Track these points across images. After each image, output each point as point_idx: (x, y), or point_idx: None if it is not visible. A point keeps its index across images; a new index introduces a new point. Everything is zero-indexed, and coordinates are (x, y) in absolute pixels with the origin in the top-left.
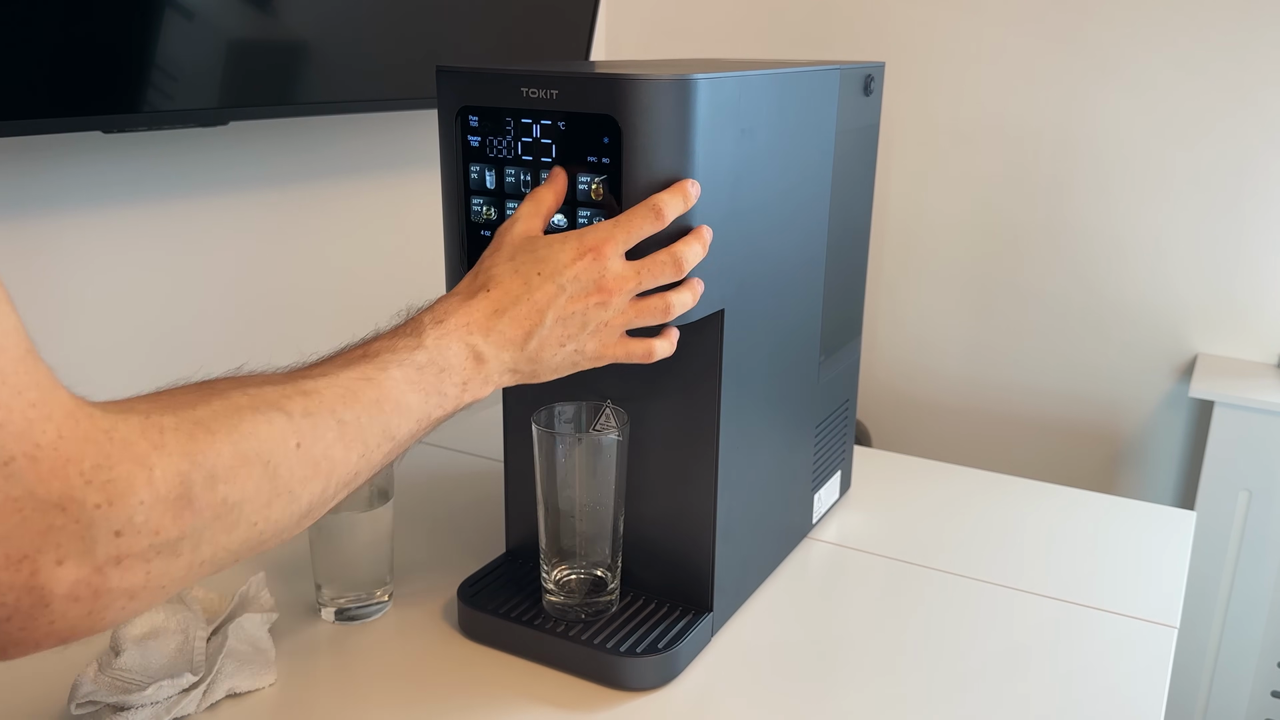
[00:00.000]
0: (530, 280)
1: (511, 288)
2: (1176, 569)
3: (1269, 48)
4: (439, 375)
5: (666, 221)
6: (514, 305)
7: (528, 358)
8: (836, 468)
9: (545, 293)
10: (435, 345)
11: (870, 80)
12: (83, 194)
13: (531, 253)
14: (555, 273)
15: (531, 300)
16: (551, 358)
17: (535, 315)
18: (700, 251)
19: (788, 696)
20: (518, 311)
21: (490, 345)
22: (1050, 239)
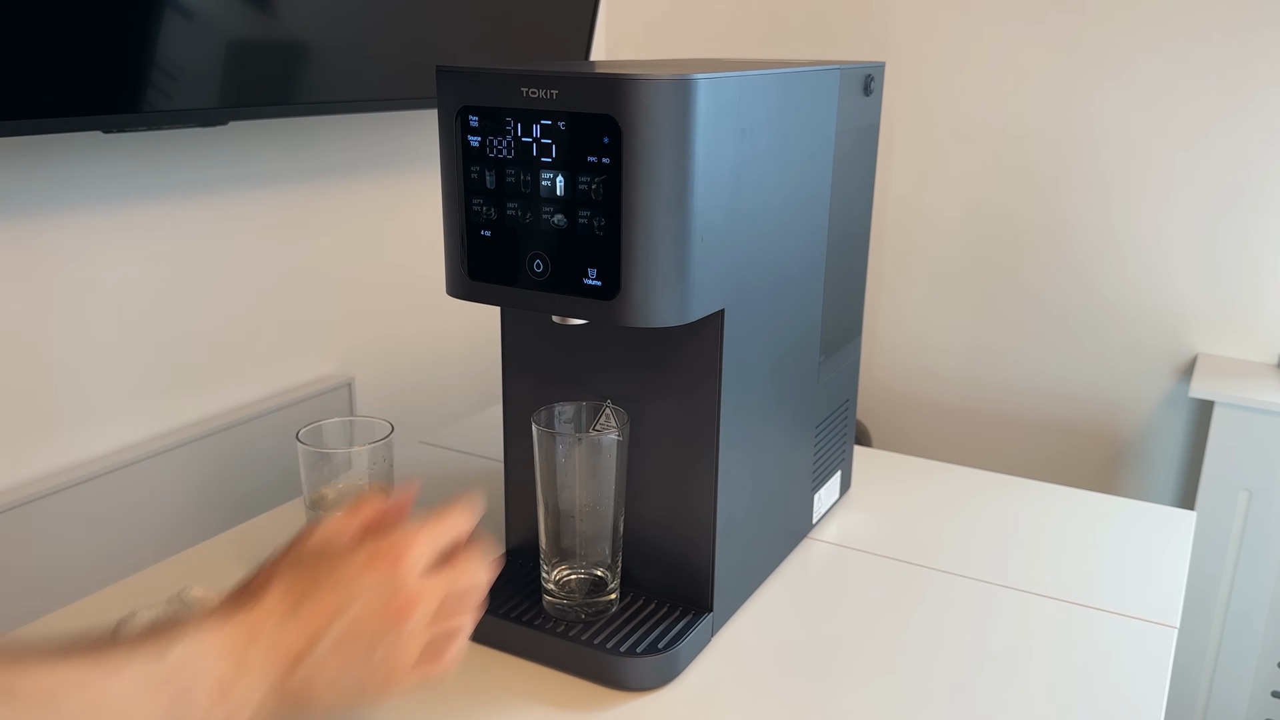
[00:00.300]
0: (311, 591)
1: (286, 600)
2: (1176, 569)
3: (1268, 47)
4: (176, 697)
5: (475, 522)
6: (285, 620)
7: (294, 689)
8: (836, 468)
9: (327, 604)
10: (180, 657)
11: (870, 80)
12: (83, 194)
13: (321, 558)
14: (344, 582)
15: (310, 614)
16: (325, 691)
17: (311, 634)
18: None
19: (788, 696)
20: (290, 628)
21: (249, 665)
22: (1050, 239)
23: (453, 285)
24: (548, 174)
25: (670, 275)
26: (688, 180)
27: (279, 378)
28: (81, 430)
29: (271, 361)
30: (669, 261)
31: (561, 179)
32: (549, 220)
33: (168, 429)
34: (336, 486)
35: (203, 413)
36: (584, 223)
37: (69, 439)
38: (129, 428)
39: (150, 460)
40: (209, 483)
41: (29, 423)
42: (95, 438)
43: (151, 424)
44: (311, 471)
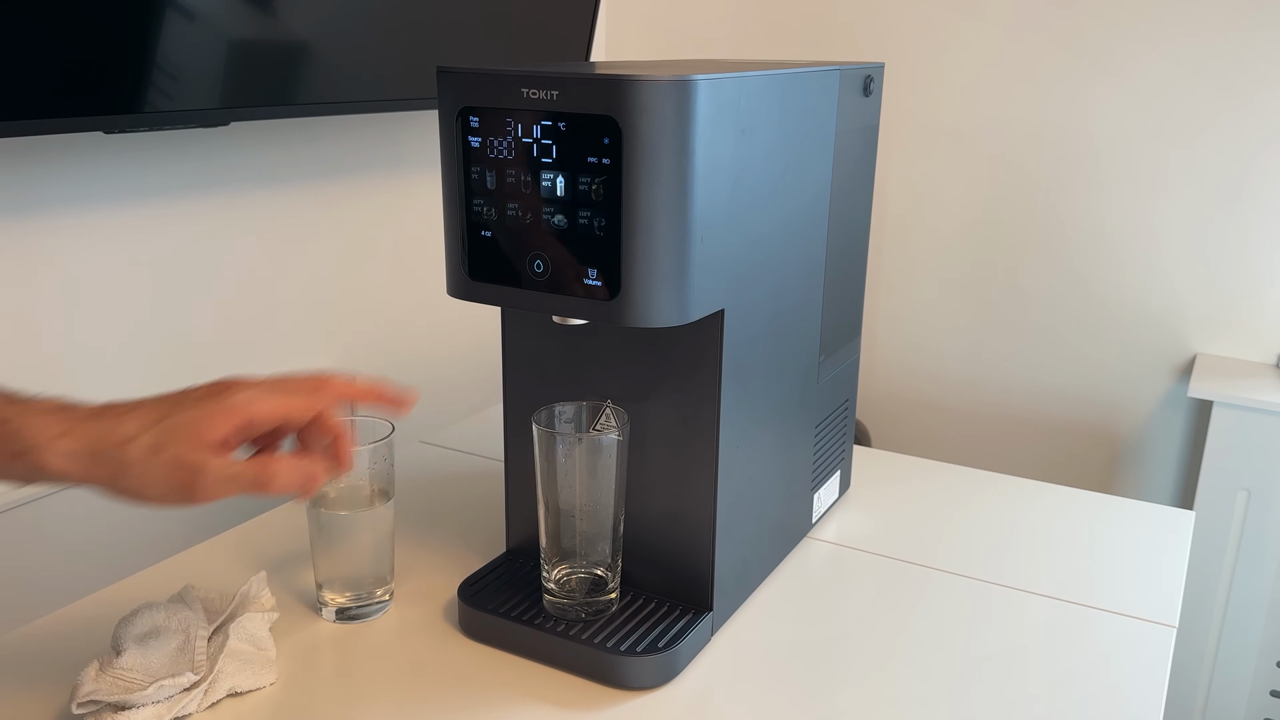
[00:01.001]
0: None
1: None
2: (1175, 569)
3: (1267, 48)
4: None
5: (332, 388)
6: None
7: (102, 430)
8: (836, 467)
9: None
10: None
11: (870, 81)
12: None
13: None
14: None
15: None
16: (135, 430)
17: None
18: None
19: (788, 696)
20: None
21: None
22: (1049, 239)
23: (453, 285)
24: (548, 174)
25: (670, 275)
26: (688, 181)
27: None
28: None
29: (272, 361)
30: (669, 262)
31: (562, 179)
32: (549, 221)
33: None
34: (337, 486)
35: None
36: (584, 223)
37: None
38: None
39: None
40: None
41: None
42: None
43: None
44: None
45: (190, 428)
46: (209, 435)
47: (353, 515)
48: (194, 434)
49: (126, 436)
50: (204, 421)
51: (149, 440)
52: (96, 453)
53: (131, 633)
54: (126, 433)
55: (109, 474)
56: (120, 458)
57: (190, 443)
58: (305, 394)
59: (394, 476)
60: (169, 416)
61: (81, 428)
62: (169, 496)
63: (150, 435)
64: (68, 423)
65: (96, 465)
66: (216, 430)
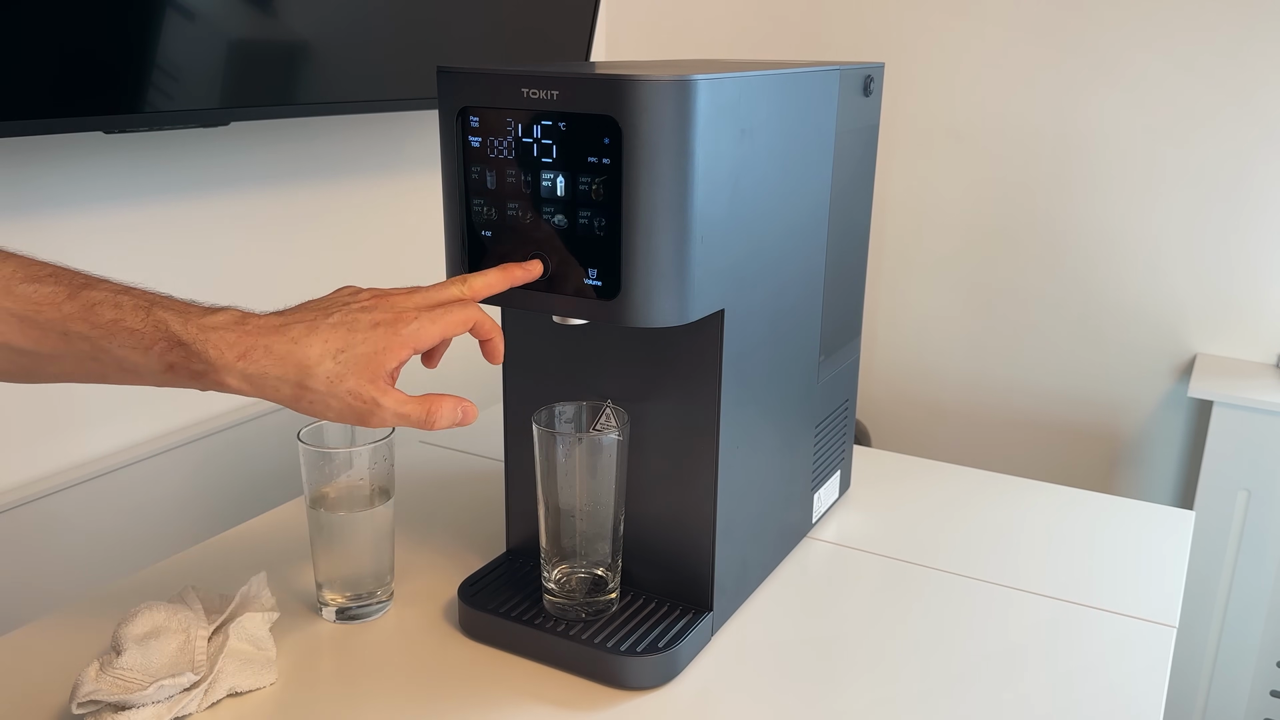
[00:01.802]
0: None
1: None
2: (1175, 568)
3: (1266, 47)
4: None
5: (476, 295)
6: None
7: (283, 354)
8: (836, 467)
9: (314, 306)
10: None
11: (870, 81)
12: (84, 194)
13: None
14: (334, 300)
15: (297, 312)
16: (316, 357)
17: (295, 312)
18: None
19: (788, 696)
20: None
21: (233, 318)
22: (1049, 239)
23: None
24: (548, 174)
25: (670, 275)
26: (688, 181)
27: None
28: (81, 430)
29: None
30: (669, 262)
31: (562, 179)
32: (549, 221)
33: (168, 429)
34: (337, 486)
35: (203, 413)
36: (584, 223)
37: (69, 439)
38: (129, 428)
39: (150, 460)
40: (209, 483)
41: (29, 423)
42: (95, 438)
43: (151, 424)
44: (312, 471)
45: (368, 361)
46: (385, 368)
47: (353, 515)
48: (372, 367)
49: (307, 363)
50: (381, 355)
51: (329, 370)
52: (277, 378)
53: (131, 633)
54: (307, 359)
55: (289, 396)
56: (302, 383)
57: (368, 375)
58: (459, 312)
59: (394, 476)
60: (348, 349)
61: (262, 349)
62: (344, 419)
63: (331, 364)
64: (248, 342)
65: (276, 388)
66: (392, 363)
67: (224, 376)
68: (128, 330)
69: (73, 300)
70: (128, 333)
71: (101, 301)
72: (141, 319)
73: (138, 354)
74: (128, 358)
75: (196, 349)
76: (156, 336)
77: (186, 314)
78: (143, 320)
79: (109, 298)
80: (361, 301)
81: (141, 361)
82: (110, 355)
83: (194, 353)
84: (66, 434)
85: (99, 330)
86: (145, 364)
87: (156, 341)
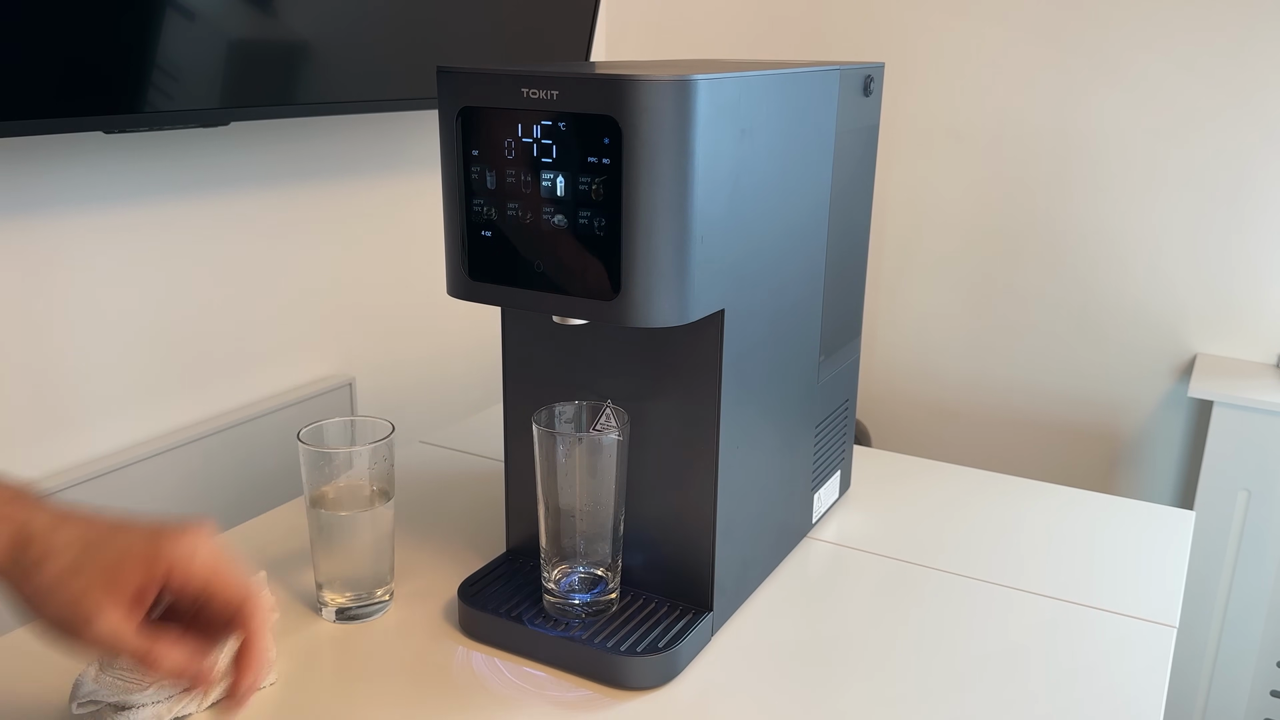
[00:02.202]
0: None
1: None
2: (1176, 569)
3: (1267, 48)
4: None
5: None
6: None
7: (35, 531)
8: (836, 467)
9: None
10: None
11: (870, 81)
12: (84, 194)
13: None
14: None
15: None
16: (64, 544)
17: (60, 521)
18: None
19: (788, 696)
20: (36, 510)
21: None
22: (1049, 239)
23: (453, 285)
24: (548, 174)
25: (670, 275)
26: (688, 181)
27: (280, 378)
28: (81, 430)
29: (272, 361)
30: (669, 262)
31: (562, 179)
32: (549, 221)
33: (168, 429)
34: (337, 486)
35: (203, 413)
36: (584, 223)
37: (69, 439)
38: (129, 428)
39: (150, 460)
40: (210, 483)
41: (29, 423)
42: (95, 438)
43: (152, 424)
44: (312, 471)
45: (111, 564)
46: (124, 582)
47: (353, 515)
48: (110, 573)
49: (56, 545)
50: (125, 560)
51: (70, 560)
52: (17, 552)
53: None
54: (59, 542)
55: (16, 577)
56: (37, 564)
57: (102, 581)
58: (237, 588)
59: (394, 476)
60: (101, 544)
61: (19, 520)
62: (55, 626)
63: (75, 553)
64: (6, 508)
65: (12, 563)
66: (133, 579)
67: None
68: None
69: None
70: None
71: None
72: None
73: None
74: None
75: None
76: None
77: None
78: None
79: None
80: (153, 520)
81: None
82: None
83: None
84: (66, 434)
85: None
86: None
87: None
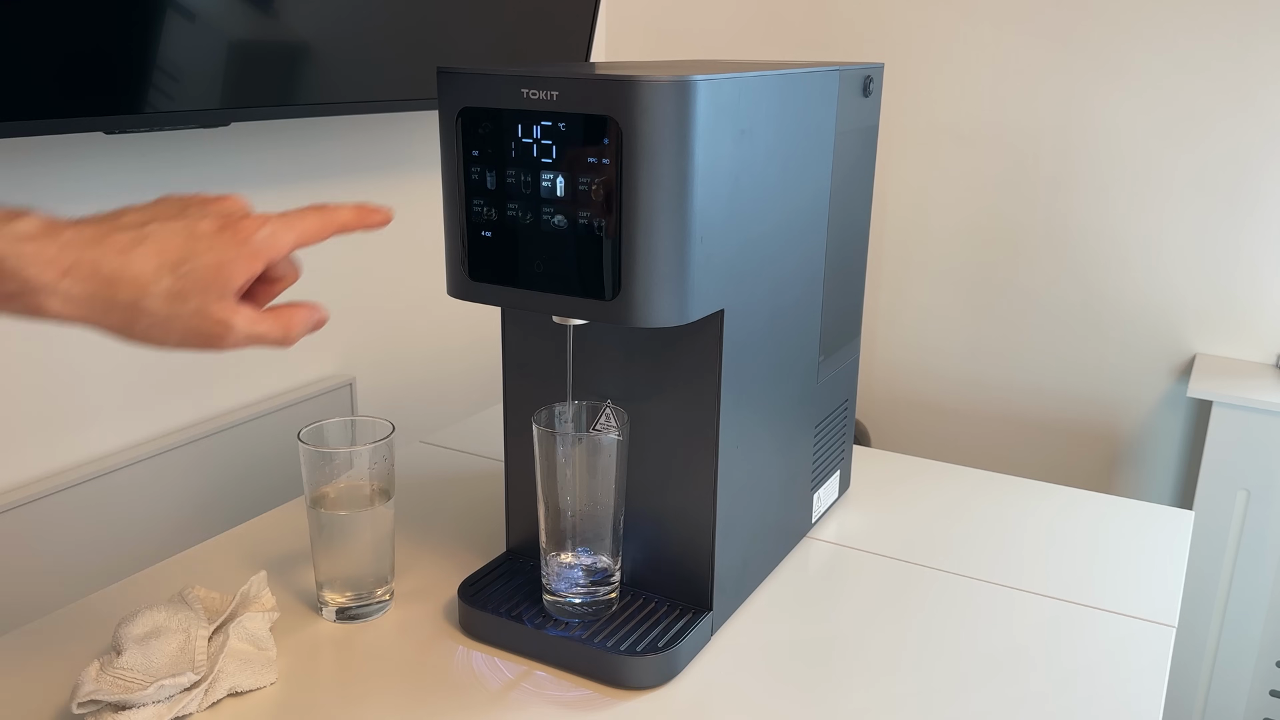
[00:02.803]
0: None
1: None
2: (1175, 568)
3: (1268, 48)
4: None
5: (335, 226)
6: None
7: (113, 271)
8: (836, 467)
9: (137, 211)
10: None
11: (869, 81)
12: (85, 194)
13: None
14: (161, 208)
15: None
16: (151, 273)
17: (113, 217)
18: None
19: (787, 696)
20: (110, 224)
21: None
22: (1050, 239)
23: (453, 285)
24: (548, 175)
25: (670, 275)
26: (687, 181)
27: (280, 378)
28: (81, 430)
29: (273, 361)
30: (669, 262)
31: (562, 180)
32: (549, 221)
33: (168, 429)
34: (338, 486)
35: (203, 413)
36: (584, 223)
37: (69, 439)
38: (129, 428)
39: (150, 460)
40: (210, 482)
41: (29, 423)
42: (95, 438)
43: (152, 424)
44: (313, 471)
45: (214, 274)
46: (234, 283)
47: (353, 515)
48: (219, 283)
49: (142, 280)
50: (229, 267)
51: (169, 287)
52: (106, 299)
53: (132, 633)
54: (141, 274)
55: (120, 321)
56: (136, 304)
57: (216, 292)
58: (314, 217)
59: (394, 476)
60: (189, 260)
61: (88, 264)
62: (188, 346)
63: (170, 281)
64: (69, 257)
65: (106, 312)
66: (241, 277)
67: (43, 300)
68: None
69: None
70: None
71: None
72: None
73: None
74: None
75: (8, 266)
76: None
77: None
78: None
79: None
80: (199, 202)
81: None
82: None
83: (6, 273)
84: (66, 434)
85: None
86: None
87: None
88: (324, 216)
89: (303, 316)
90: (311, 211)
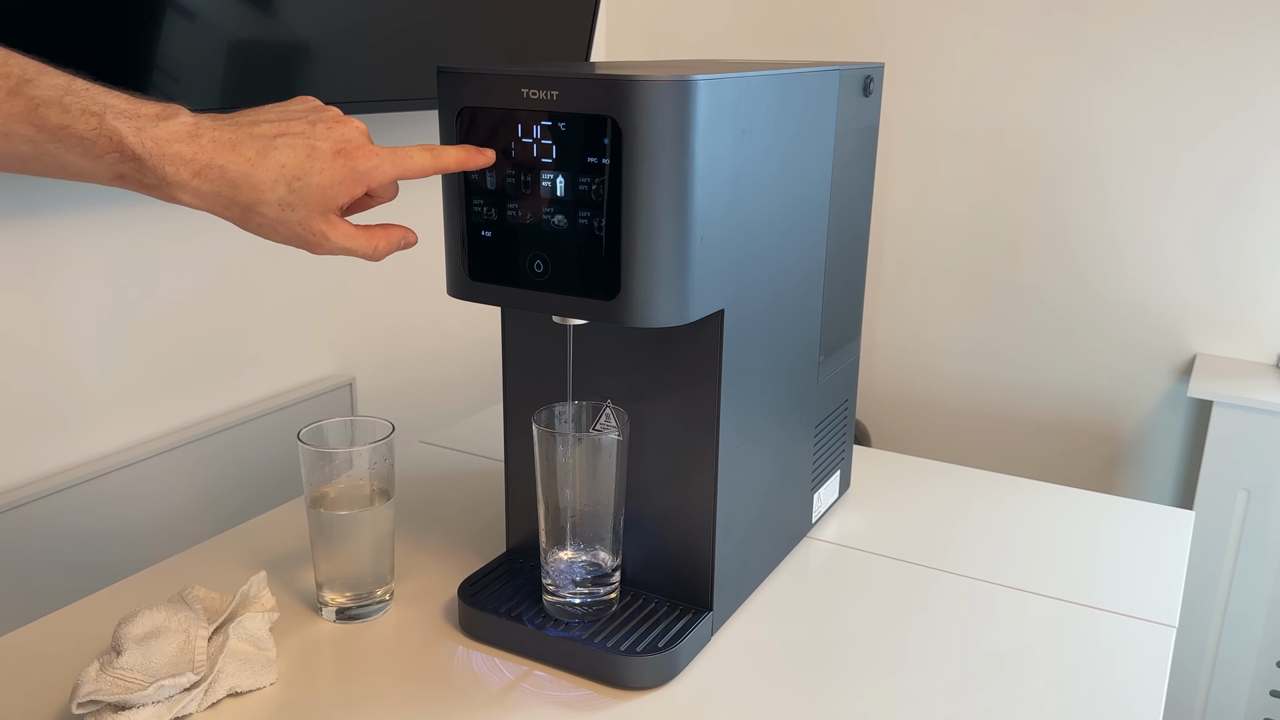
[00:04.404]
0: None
1: None
2: (1175, 568)
3: (1268, 48)
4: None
5: (441, 166)
6: None
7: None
8: (836, 467)
9: (272, 116)
10: None
11: (869, 81)
12: (84, 194)
13: None
14: (292, 112)
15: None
16: (270, 181)
17: (250, 123)
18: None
19: (788, 696)
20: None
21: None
22: (1050, 239)
23: (453, 285)
24: (548, 175)
25: (670, 275)
26: (687, 181)
27: (280, 378)
28: (81, 430)
29: (272, 362)
30: (669, 262)
31: (562, 180)
32: (549, 221)
33: (168, 429)
34: (338, 486)
35: (203, 413)
36: (584, 223)
37: (69, 439)
38: (129, 428)
39: (150, 460)
40: (209, 483)
41: (29, 423)
42: (95, 438)
43: (151, 424)
44: (313, 471)
45: (320, 193)
46: (336, 203)
47: (353, 515)
48: (323, 200)
49: (261, 188)
50: (335, 189)
51: (281, 197)
52: (229, 198)
53: (131, 633)
54: (262, 183)
55: (237, 216)
56: (253, 206)
57: (319, 208)
58: (419, 157)
59: (394, 476)
60: (303, 177)
61: (218, 169)
62: (288, 243)
63: (284, 192)
64: (204, 159)
65: (227, 207)
66: (344, 198)
67: (176, 193)
68: (77, 138)
69: (14, 98)
70: (76, 139)
71: (47, 102)
72: (93, 127)
73: (86, 160)
74: (74, 163)
75: (151, 164)
76: (108, 147)
77: (139, 121)
78: (94, 129)
79: (54, 97)
80: (327, 122)
81: (89, 168)
82: (55, 159)
83: (148, 168)
84: (66, 434)
85: (44, 134)
86: (93, 170)
87: (108, 151)
88: (433, 156)
89: (393, 237)
90: (420, 151)
